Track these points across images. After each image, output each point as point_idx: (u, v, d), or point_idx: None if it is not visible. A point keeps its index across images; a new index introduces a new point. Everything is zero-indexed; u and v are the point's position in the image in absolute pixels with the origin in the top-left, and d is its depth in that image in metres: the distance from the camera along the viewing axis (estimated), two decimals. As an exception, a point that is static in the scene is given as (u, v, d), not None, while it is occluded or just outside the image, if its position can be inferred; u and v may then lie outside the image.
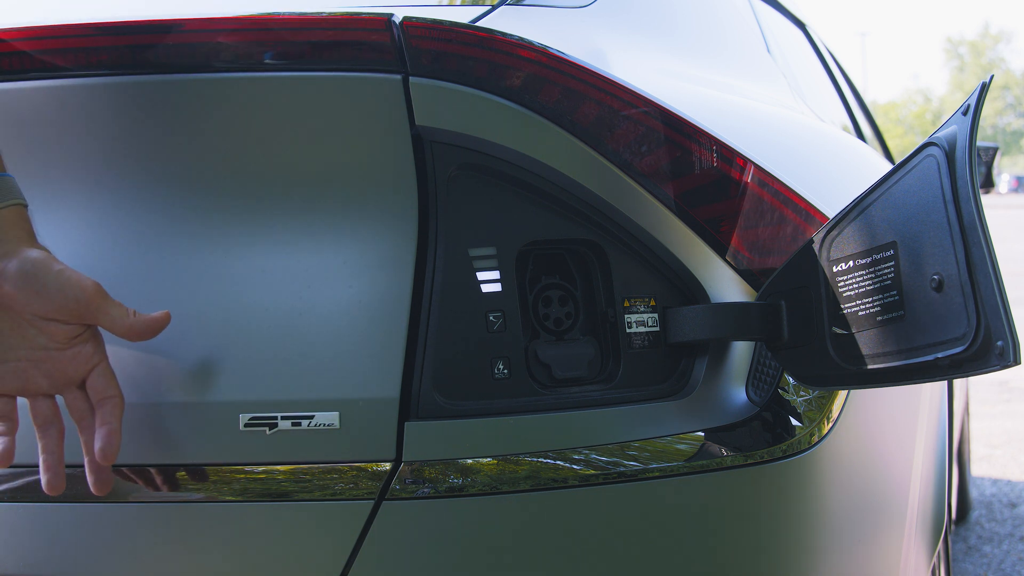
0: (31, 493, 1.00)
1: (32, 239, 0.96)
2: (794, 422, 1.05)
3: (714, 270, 1.07)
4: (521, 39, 1.01)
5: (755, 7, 2.09)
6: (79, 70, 1.01)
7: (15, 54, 1.02)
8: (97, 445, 0.94)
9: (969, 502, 3.81)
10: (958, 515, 3.58)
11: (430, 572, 0.96)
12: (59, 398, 0.98)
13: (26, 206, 0.97)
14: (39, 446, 0.96)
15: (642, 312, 1.05)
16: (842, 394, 1.10)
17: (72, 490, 1.00)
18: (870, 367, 0.97)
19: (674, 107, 1.07)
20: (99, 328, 0.98)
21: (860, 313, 0.97)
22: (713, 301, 1.06)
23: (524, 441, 0.97)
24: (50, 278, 0.93)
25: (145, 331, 0.96)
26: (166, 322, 0.97)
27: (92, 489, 0.97)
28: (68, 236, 1.03)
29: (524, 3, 1.19)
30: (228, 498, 0.97)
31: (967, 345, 0.88)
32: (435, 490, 0.95)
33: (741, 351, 1.08)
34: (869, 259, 0.97)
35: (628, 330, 1.04)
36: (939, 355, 0.90)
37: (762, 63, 1.82)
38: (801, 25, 2.73)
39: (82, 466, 0.98)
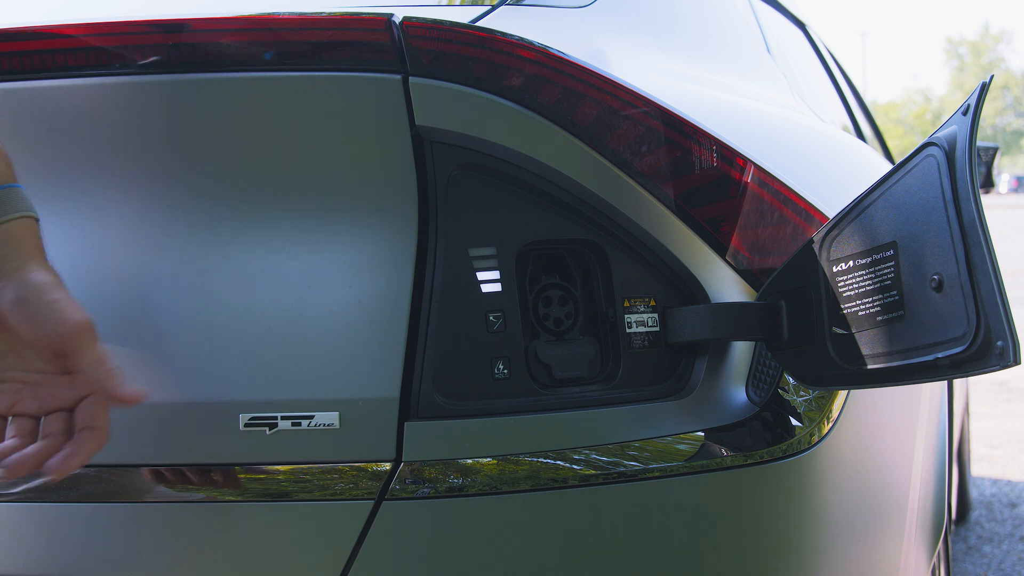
0: (31, 493, 1.00)
1: (39, 256, 0.92)
2: (794, 422, 1.05)
3: (714, 270, 1.07)
4: (521, 39, 1.01)
5: (755, 7, 2.09)
6: (77, 70, 1.01)
7: (12, 54, 1.02)
8: (54, 460, 0.88)
9: (969, 502, 3.80)
10: (958, 515, 3.58)
11: (430, 572, 0.96)
12: None
13: (37, 219, 0.94)
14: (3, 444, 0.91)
15: (642, 312, 1.05)
16: (842, 394, 1.10)
17: (73, 490, 1.00)
18: (870, 367, 0.97)
19: (674, 107, 1.07)
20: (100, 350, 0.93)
21: (860, 313, 0.97)
22: (713, 301, 1.05)
23: (524, 441, 0.97)
24: (41, 307, 0.89)
25: (115, 388, 0.90)
26: (141, 399, 0.92)
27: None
28: (67, 237, 1.03)
29: (524, 3, 1.19)
30: (228, 498, 0.97)
31: (967, 345, 0.87)
32: (435, 490, 0.95)
33: (741, 351, 1.08)
34: (869, 259, 0.97)
35: (628, 330, 1.04)
36: (939, 355, 0.90)
37: (762, 63, 1.82)
38: (801, 25, 2.73)
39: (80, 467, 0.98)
